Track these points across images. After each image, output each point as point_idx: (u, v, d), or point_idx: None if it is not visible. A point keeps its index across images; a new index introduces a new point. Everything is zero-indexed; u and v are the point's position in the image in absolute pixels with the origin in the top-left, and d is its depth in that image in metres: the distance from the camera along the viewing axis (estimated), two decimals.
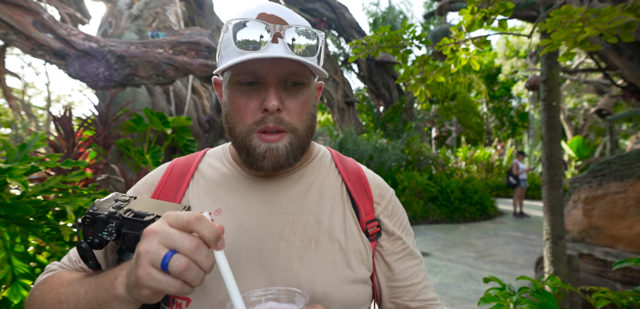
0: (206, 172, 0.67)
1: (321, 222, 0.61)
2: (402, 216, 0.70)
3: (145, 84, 4.05)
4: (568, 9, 1.04)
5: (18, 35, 3.18)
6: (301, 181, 0.65)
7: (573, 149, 11.06)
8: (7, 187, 0.99)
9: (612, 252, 2.59)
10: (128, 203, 0.55)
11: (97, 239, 0.51)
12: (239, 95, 0.57)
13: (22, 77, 17.64)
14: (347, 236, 0.62)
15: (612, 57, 4.45)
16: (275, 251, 0.58)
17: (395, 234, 0.67)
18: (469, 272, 4.27)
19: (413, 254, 0.68)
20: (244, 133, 0.57)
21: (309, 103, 0.60)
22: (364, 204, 0.65)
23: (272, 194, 0.63)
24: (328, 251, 0.59)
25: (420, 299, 0.66)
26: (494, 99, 22.05)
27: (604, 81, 8.39)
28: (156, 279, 0.39)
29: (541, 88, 2.25)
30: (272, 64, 0.55)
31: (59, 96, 21.26)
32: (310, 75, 0.60)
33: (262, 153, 0.57)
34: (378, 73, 11.37)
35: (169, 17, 6.41)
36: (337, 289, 0.58)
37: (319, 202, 0.63)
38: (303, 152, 0.61)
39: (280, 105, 0.56)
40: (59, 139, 2.24)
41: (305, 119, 0.59)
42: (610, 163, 2.78)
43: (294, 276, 0.57)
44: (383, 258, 0.66)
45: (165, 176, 0.67)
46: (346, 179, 0.67)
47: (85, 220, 0.52)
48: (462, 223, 7.46)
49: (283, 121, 0.57)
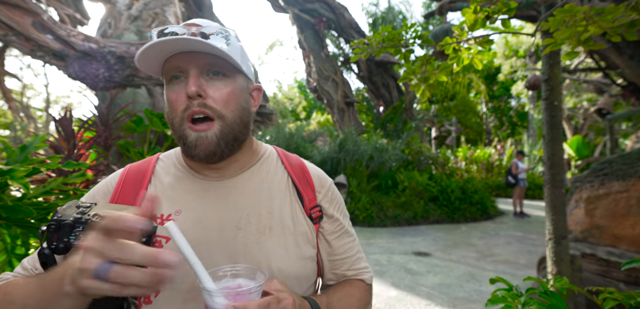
0: (162, 177, 0.72)
1: (272, 212, 0.70)
2: (339, 201, 0.81)
3: (145, 84, 4.04)
4: (571, 8, 1.03)
5: (18, 36, 3.17)
6: (252, 178, 0.73)
7: (573, 148, 11.07)
8: (8, 189, 0.98)
9: (615, 252, 2.58)
10: (90, 209, 0.58)
11: (62, 244, 0.53)
12: (170, 91, 0.65)
13: (21, 79, 17.61)
14: (294, 222, 0.71)
15: (613, 56, 4.45)
16: (234, 240, 0.65)
17: (334, 216, 0.78)
18: (471, 272, 4.26)
19: (348, 233, 0.80)
20: (178, 123, 0.64)
21: (235, 94, 0.66)
22: (307, 193, 0.75)
23: (226, 191, 0.69)
24: (280, 236, 0.68)
25: (354, 269, 0.79)
26: (494, 99, 22.07)
27: (603, 80, 8.40)
28: (98, 288, 0.42)
29: (543, 87, 2.24)
30: (191, 57, 0.62)
31: (58, 97, 21.24)
32: (232, 69, 0.66)
33: (194, 142, 0.63)
34: (378, 73, 11.36)
35: (169, 18, 6.40)
36: (289, 266, 0.67)
37: (269, 196, 0.71)
38: (235, 140, 0.67)
39: (202, 91, 0.62)
40: (59, 140, 2.23)
41: (233, 109, 0.65)
42: (612, 162, 2.77)
43: (254, 259, 0.65)
44: (325, 238, 0.77)
45: (121, 182, 0.70)
46: (291, 173, 0.76)
47: (50, 227, 0.53)
48: (462, 223, 7.46)
49: (206, 105, 0.63)
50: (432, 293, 3.62)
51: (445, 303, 3.37)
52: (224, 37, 0.64)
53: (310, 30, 10.73)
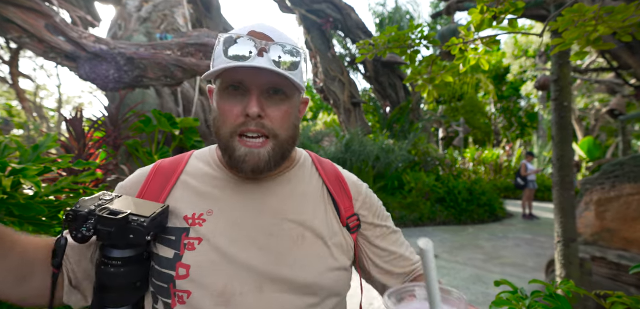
0: (195, 174, 0.71)
1: (306, 220, 0.68)
2: (377, 206, 0.78)
3: (154, 85, 4.10)
4: (581, 8, 1.02)
5: (31, 38, 3.24)
6: (286, 184, 0.71)
7: (584, 150, 10.86)
8: (21, 187, 1.01)
9: (626, 255, 2.53)
10: (111, 202, 0.59)
11: (80, 235, 0.54)
12: (225, 101, 0.63)
13: (35, 80, 17.99)
14: (329, 232, 0.69)
15: (625, 56, 4.36)
16: (266, 247, 0.64)
17: (374, 222, 0.75)
18: (478, 275, 4.21)
19: (394, 231, 0.78)
20: (227, 136, 0.63)
21: (291, 114, 0.65)
22: (343, 202, 0.73)
23: (261, 196, 0.68)
24: (314, 245, 0.66)
25: (407, 259, 0.76)
26: (503, 100, 21.79)
27: (616, 81, 8.23)
28: None
29: (552, 88, 2.21)
30: (256, 74, 0.60)
31: (70, 97, 21.65)
32: (293, 89, 0.65)
33: (242, 156, 0.62)
34: (384, 74, 11.32)
35: (177, 20, 6.48)
36: (322, 278, 0.65)
37: (303, 203, 0.70)
38: (283, 158, 0.66)
39: (262, 112, 0.61)
40: (70, 140, 2.28)
41: (287, 128, 0.65)
42: (623, 164, 2.72)
43: (286, 268, 0.64)
44: (369, 242, 0.75)
45: (151, 176, 0.70)
46: (326, 181, 0.74)
47: (68, 216, 0.55)
48: (470, 225, 7.38)
49: (265, 126, 0.62)
50: None
51: None
52: (294, 56, 0.62)
53: (317, 31, 10.74)
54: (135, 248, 0.60)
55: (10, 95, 14.19)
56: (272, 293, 0.62)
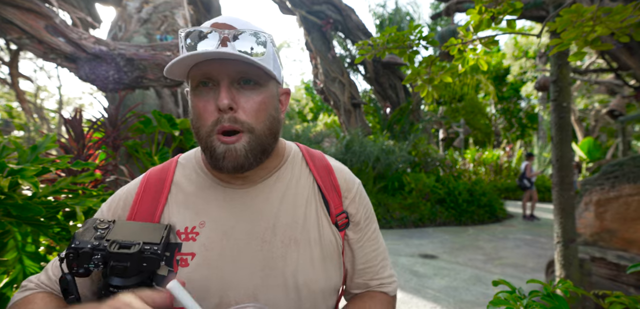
0: (183, 184, 0.68)
1: (297, 222, 0.66)
2: (366, 205, 0.76)
3: (153, 86, 4.10)
4: (578, 8, 1.02)
5: (31, 39, 3.25)
6: (276, 184, 0.69)
7: (584, 150, 10.86)
8: (19, 188, 1.01)
9: (625, 256, 2.53)
10: (108, 231, 0.56)
11: (82, 270, 0.52)
12: (197, 99, 0.60)
13: (35, 81, 18.01)
14: (320, 232, 0.67)
15: (625, 56, 4.36)
16: (259, 253, 0.63)
17: (360, 223, 0.73)
18: (478, 275, 4.21)
19: (374, 240, 0.75)
20: (206, 135, 0.60)
21: (266, 104, 0.62)
22: (333, 199, 0.71)
23: (251, 200, 0.66)
24: (306, 248, 0.65)
25: (377, 278, 0.75)
26: (503, 100, 21.79)
27: (615, 81, 8.23)
28: None
29: (551, 89, 2.21)
30: (222, 65, 0.58)
31: (70, 98, 21.66)
32: (265, 77, 0.62)
33: (222, 154, 0.59)
34: (385, 74, 11.32)
35: (177, 21, 6.49)
36: (316, 280, 0.64)
37: (294, 204, 0.68)
38: (263, 152, 0.63)
39: (233, 103, 0.58)
40: (69, 140, 2.28)
41: (263, 120, 0.61)
42: (623, 165, 2.72)
43: (280, 274, 0.63)
44: (349, 246, 0.73)
45: (141, 191, 0.67)
46: (317, 176, 0.72)
47: (68, 256, 0.52)
48: (470, 226, 7.37)
49: (237, 119, 0.59)
50: (439, 295, 3.58)
51: (452, 306, 3.34)
52: (260, 42, 0.60)
53: (317, 32, 10.75)
54: (142, 274, 0.58)
55: (10, 96, 14.20)
56: (267, 299, 0.61)
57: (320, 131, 11.76)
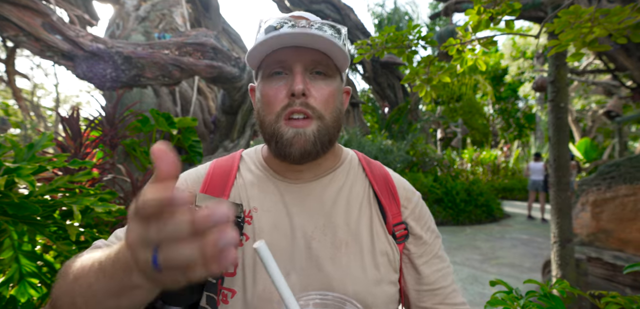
0: (245, 174, 0.69)
1: (349, 225, 0.63)
2: (428, 219, 0.70)
3: (151, 85, 4.09)
4: (576, 9, 1.03)
5: (28, 36, 3.23)
6: (330, 184, 0.67)
7: (581, 151, 10.91)
8: (15, 186, 1.01)
9: (621, 256, 2.54)
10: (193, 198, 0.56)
11: None
12: (268, 87, 0.61)
13: (32, 79, 17.90)
14: (373, 239, 0.63)
15: (622, 58, 4.39)
16: (308, 251, 0.61)
17: (422, 237, 0.68)
18: (475, 275, 4.23)
19: (440, 257, 0.69)
20: (273, 121, 0.60)
21: (335, 96, 0.62)
22: (391, 207, 0.67)
23: (303, 197, 0.65)
24: (357, 254, 0.62)
25: (448, 303, 0.66)
26: (500, 101, 21.86)
27: (612, 82, 8.27)
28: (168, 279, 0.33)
29: (549, 89, 2.22)
30: (298, 53, 0.59)
31: (67, 96, 21.56)
32: (335, 70, 0.63)
33: (290, 139, 0.58)
34: (383, 74, 11.33)
35: (176, 19, 6.47)
36: (366, 289, 0.60)
37: (348, 206, 0.65)
38: (330, 143, 0.62)
39: (306, 90, 0.58)
40: (66, 139, 2.27)
41: (332, 110, 0.61)
42: (619, 165, 2.73)
43: (327, 277, 0.59)
44: (411, 261, 0.67)
45: (209, 175, 0.68)
46: (373, 183, 0.69)
47: None
48: (467, 225, 7.40)
49: (309, 105, 0.59)
50: None
51: None
52: (336, 35, 0.60)
53: None
54: None
55: (7, 94, 14.12)
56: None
57: None
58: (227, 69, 4.35)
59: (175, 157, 0.32)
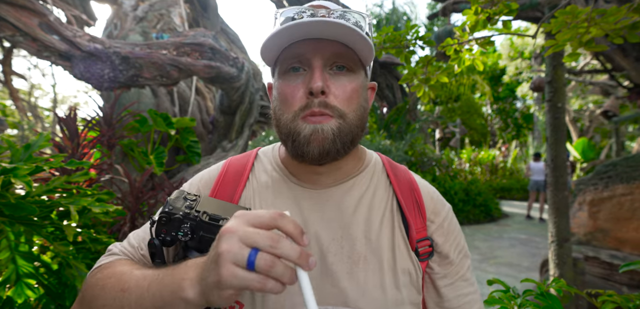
0: (259, 175, 0.65)
1: (370, 238, 0.58)
2: (458, 236, 0.64)
3: (149, 85, 4.08)
4: (573, 9, 1.03)
5: (25, 37, 3.21)
6: (352, 191, 0.61)
7: (578, 151, 10.95)
8: (12, 187, 1.00)
9: (618, 255, 2.56)
10: (196, 202, 0.56)
11: (169, 238, 0.52)
12: (285, 84, 0.56)
13: (29, 79, 17.82)
14: (395, 255, 0.58)
15: (618, 58, 4.41)
16: (323, 264, 0.57)
17: (449, 256, 0.62)
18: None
19: (467, 280, 0.63)
20: (290, 120, 0.55)
21: (358, 92, 0.57)
22: (415, 220, 0.61)
23: (321, 203, 0.60)
24: (376, 270, 0.57)
25: None
26: (498, 101, 21.92)
27: (609, 82, 8.31)
28: (241, 277, 0.37)
29: (546, 89, 2.23)
30: (317, 46, 0.53)
31: (65, 97, 21.48)
32: (358, 63, 0.57)
33: (308, 136, 0.54)
34: (382, 74, 11.34)
35: (174, 19, 6.45)
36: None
37: (368, 217, 0.60)
38: (352, 143, 0.57)
39: (326, 87, 0.53)
40: (63, 139, 2.26)
41: (355, 108, 0.56)
42: (616, 165, 2.75)
43: (342, 293, 0.55)
44: (433, 282, 0.62)
45: (222, 175, 0.65)
46: (397, 191, 0.63)
47: (161, 219, 0.52)
48: (466, 225, 7.41)
49: (328, 104, 0.54)
50: None
51: None
52: (359, 25, 0.55)
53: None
54: None
55: (4, 94, 14.05)
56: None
57: None
58: (226, 69, 4.35)
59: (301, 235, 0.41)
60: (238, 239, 0.38)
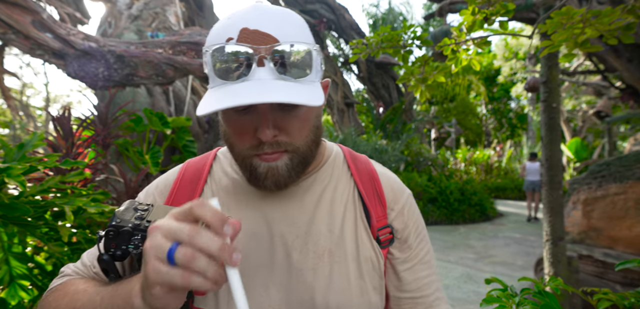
0: (218, 177, 0.64)
1: (333, 232, 0.59)
2: (417, 221, 0.66)
3: (144, 84, 4.05)
4: (569, 10, 1.04)
5: (17, 34, 3.17)
6: (313, 187, 0.62)
7: (571, 150, 11.08)
8: (5, 187, 0.99)
9: (611, 253, 2.59)
10: (148, 213, 0.54)
11: (120, 252, 0.50)
12: (232, 119, 0.54)
13: (21, 77, 17.58)
14: (358, 245, 0.60)
15: (611, 58, 4.46)
16: (287, 262, 0.57)
17: (407, 241, 0.63)
18: (469, 273, 4.26)
19: (426, 263, 0.64)
20: (243, 155, 0.55)
21: (309, 118, 0.55)
22: (376, 209, 0.62)
23: (283, 204, 0.60)
24: (341, 262, 0.58)
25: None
26: (493, 101, 22.09)
27: (602, 83, 8.41)
28: (163, 272, 0.37)
29: (541, 89, 2.25)
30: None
31: (57, 96, 21.24)
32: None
33: (264, 173, 0.54)
34: (378, 74, 11.37)
35: (169, 18, 6.41)
36: (350, 301, 0.57)
37: (331, 211, 0.61)
38: (306, 165, 0.58)
39: (276, 131, 0.52)
40: (57, 139, 2.23)
41: (306, 136, 0.55)
42: (609, 165, 2.78)
43: (308, 289, 0.56)
44: (393, 267, 0.63)
45: (179, 180, 0.64)
46: (358, 182, 0.64)
47: (108, 234, 0.50)
48: (461, 225, 7.46)
49: (280, 142, 0.53)
50: None
51: None
52: (304, 59, 0.50)
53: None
54: None
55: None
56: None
57: None
58: None
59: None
60: (161, 234, 0.38)
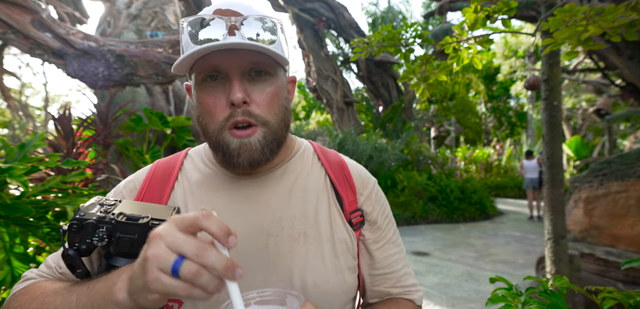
0: (190, 173, 0.66)
1: (307, 216, 0.63)
2: (383, 205, 0.72)
3: (144, 83, 4.04)
4: (572, 8, 1.03)
5: (16, 34, 3.16)
6: (284, 177, 0.66)
7: (571, 148, 11.08)
8: (7, 187, 0.98)
9: (613, 251, 2.59)
10: (114, 207, 0.54)
11: (84, 246, 0.50)
12: (205, 94, 0.57)
13: (20, 77, 17.55)
14: (332, 228, 0.64)
15: (612, 56, 4.46)
16: (264, 248, 0.60)
17: (376, 222, 0.69)
18: (469, 272, 4.26)
19: (394, 242, 0.71)
20: (216, 132, 0.57)
21: (278, 95, 0.59)
22: (347, 195, 0.67)
23: (257, 192, 0.63)
24: (316, 244, 0.62)
25: (400, 286, 0.69)
26: (493, 99, 22.09)
27: (602, 81, 8.41)
28: (166, 285, 0.38)
29: (542, 87, 2.24)
30: (232, 56, 0.55)
31: (56, 95, 21.20)
32: (275, 66, 0.60)
33: (237, 149, 0.56)
34: (377, 73, 11.36)
35: (168, 17, 6.40)
36: (326, 279, 0.60)
37: (304, 197, 0.64)
38: (278, 145, 0.61)
39: (247, 97, 0.55)
40: (58, 139, 2.23)
41: (276, 112, 0.59)
42: (611, 163, 2.78)
43: (286, 270, 0.59)
44: (366, 247, 0.68)
45: (148, 178, 0.66)
46: (329, 171, 0.68)
47: (72, 227, 0.50)
48: (461, 223, 7.46)
49: (252, 113, 0.56)
50: (431, 292, 3.62)
51: (444, 302, 3.37)
52: (268, 29, 0.56)
53: (309, 29, 10.72)
54: None
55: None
56: None
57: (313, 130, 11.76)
58: None
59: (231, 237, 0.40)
60: (165, 244, 0.38)
